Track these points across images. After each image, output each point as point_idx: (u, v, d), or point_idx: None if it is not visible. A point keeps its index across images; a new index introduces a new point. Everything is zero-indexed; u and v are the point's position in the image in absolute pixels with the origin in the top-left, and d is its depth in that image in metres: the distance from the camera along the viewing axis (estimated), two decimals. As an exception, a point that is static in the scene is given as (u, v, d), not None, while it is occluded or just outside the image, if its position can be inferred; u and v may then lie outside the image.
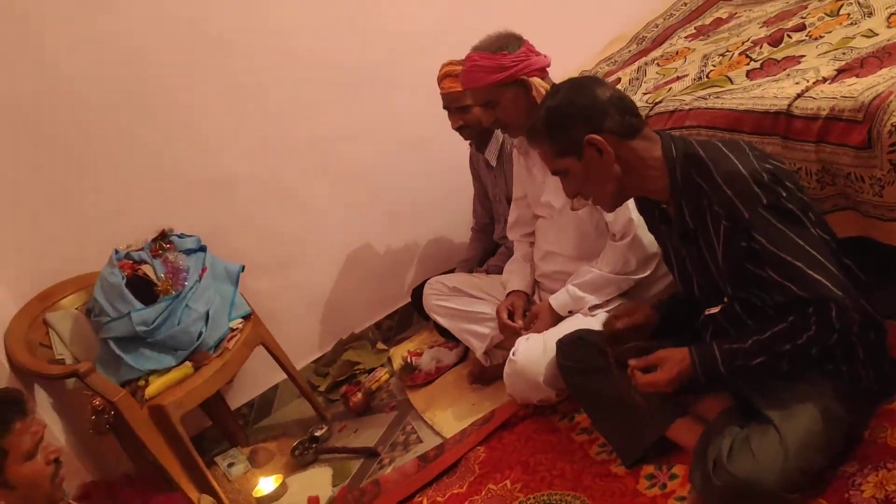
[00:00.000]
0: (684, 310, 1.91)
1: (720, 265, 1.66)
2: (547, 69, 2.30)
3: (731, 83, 2.19)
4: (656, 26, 3.32)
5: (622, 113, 1.67)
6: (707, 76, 2.36)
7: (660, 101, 2.34)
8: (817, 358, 1.58)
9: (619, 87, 2.88)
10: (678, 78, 2.52)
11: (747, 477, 1.47)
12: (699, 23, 3.10)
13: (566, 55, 3.39)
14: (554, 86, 1.95)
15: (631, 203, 2.00)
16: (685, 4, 3.35)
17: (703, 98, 2.16)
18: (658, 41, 3.17)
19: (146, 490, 2.58)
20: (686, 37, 3.02)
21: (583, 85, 1.73)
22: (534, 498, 2.01)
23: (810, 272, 1.51)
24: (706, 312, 1.84)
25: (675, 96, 2.31)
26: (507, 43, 2.23)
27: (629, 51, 3.27)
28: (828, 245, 1.60)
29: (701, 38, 2.92)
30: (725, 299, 1.76)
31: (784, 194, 1.55)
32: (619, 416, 1.93)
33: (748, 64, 2.25)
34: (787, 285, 1.53)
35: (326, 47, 3.18)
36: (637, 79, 2.83)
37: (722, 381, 1.67)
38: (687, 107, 2.18)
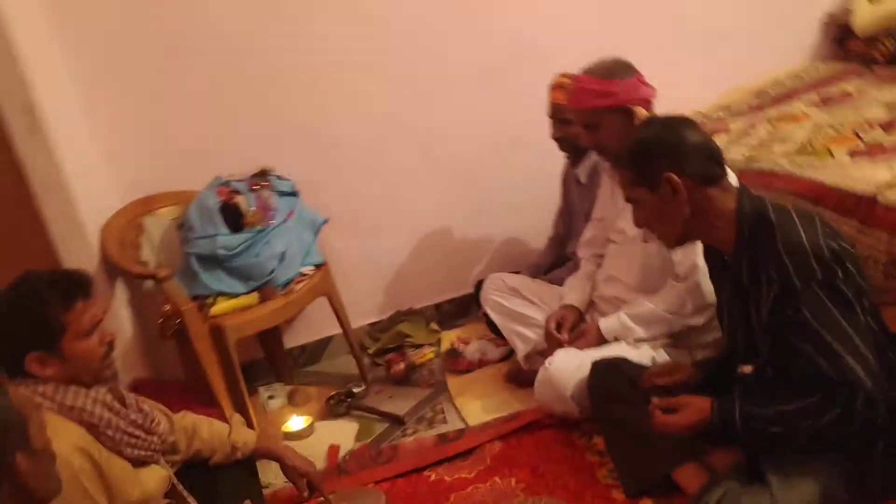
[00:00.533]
0: (723, 369, 1.94)
1: (763, 328, 1.69)
2: (651, 101, 2.34)
3: (831, 158, 2.19)
4: (781, 85, 3.29)
5: (705, 159, 1.71)
6: (811, 146, 2.35)
7: (757, 160, 2.35)
8: (835, 440, 1.60)
9: (727, 136, 2.89)
10: (784, 141, 2.51)
11: (726, 529, 1.51)
12: (826, 92, 3.06)
13: (685, 92, 3.40)
14: (649, 118, 2.00)
15: (699, 249, 2.03)
16: (817, 70, 3.31)
17: (799, 166, 2.17)
18: (779, 100, 3.14)
19: (188, 399, 2.78)
20: (808, 103, 2.99)
21: (675, 124, 1.77)
22: (532, 500, 2.09)
23: (847, 356, 1.53)
24: (740, 370, 1.87)
25: (773, 158, 2.32)
26: (618, 70, 2.29)
27: (748, 103, 3.25)
28: (874, 335, 1.60)
29: (823, 107, 2.89)
30: (760, 361, 1.79)
31: (841, 275, 1.56)
32: (633, 447, 1.98)
33: (855, 143, 2.23)
34: (822, 363, 1.55)
35: (453, 42, 3.30)
36: (746, 132, 2.83)
37: (736, 437, 1.71)
38: (780, 171, 2.19)
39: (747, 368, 1.86)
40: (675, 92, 3.28)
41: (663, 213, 1.74)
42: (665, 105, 3.18)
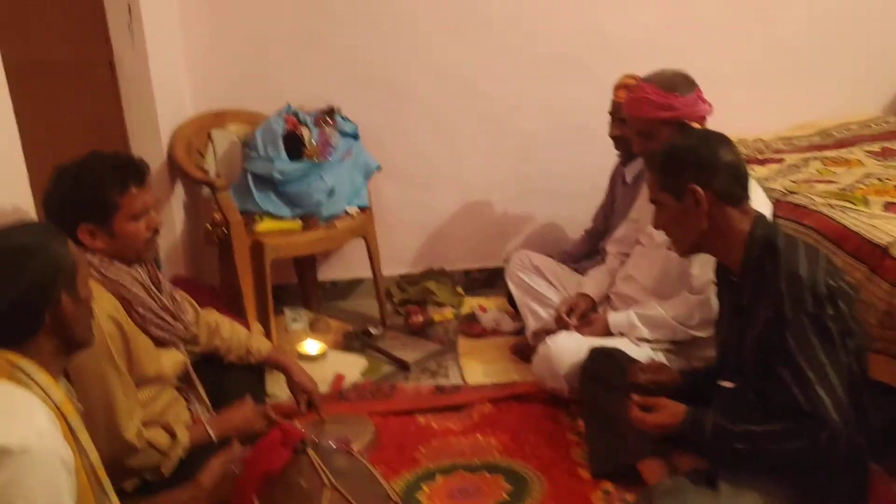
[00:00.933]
0: (709, 380, 2.03)
1: (750, 349, 1.77)
2: (706, 118, 2.40)
3: (866, 206, 2.24)
4: (848, 130, 3.30)
5: (732, 180, 1.78)
6: (851, 191, 2.39)
7: (795, 193, 2.40)
8: (794, 466, 1.68)
9: (779, 167, 2.94)
10: (829, 182, 2.56)
11: (664, 517, 1.63)
12: (888, 145, 3.07)
13: (753, 117, 3.46)
14: (690, 128, 2.05)
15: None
16: (887, 123, 3.30)
17: (831, 207, 2.22)
18: (840, 144, 3.16)
19: (218, 303, 2.98)
20: (867, 151, 3.01)
21: (712, 140, 1.83)
22: (504, 459, 2.23)
23: (819, 389, 1.61)
24: (721, 383, 1.96)
25: (811, 195, 2.37)
26: (680, 84, 2.32)
27: (810, 140, 3.27)
28: (852, 376, 1.67)
29: (880, 158, 2.91)
30: (742, 380, 1.87)
31: (831, 312, 1.63)
32: (607, 433, 2.10)
33: (893, 196, 2.27)
34: (796, 392, 1.63)
35: (543, 24, 3.41)
36: (797, 167, 2.87)
37: (702, 447, 1.81)
38: (812, 208, 2.25)
39: (728, 384, 1.94)
40: (744, 114, 3.37)
41: (682, 220, 1.82)
42: (729, 125, 3.23)
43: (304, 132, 3.15)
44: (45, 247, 1.29)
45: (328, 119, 3.23)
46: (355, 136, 3.27)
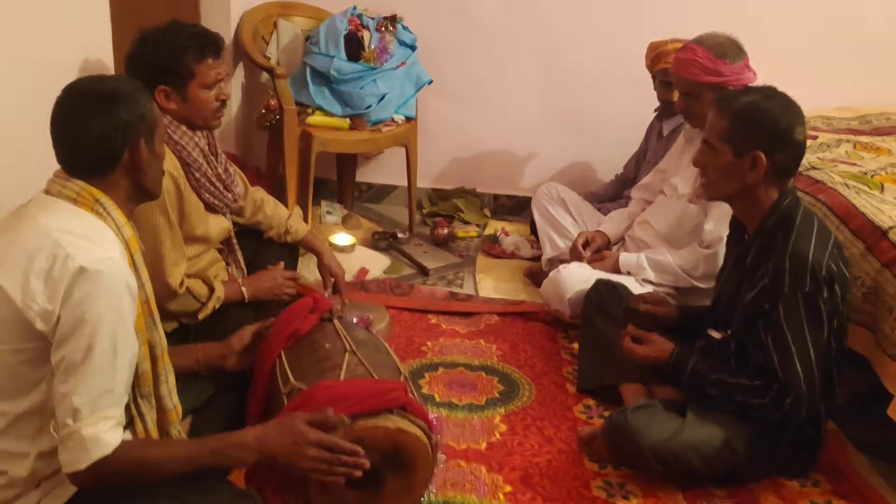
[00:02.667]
0: (700, 323, 2.21)
1: (743, 307, 1.92)
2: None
3: (880, 191, 2.36)
4: (888, 119, 3.36)
5: (794, 158, 1.83)
6: (870, 176, 2.51)
7: (817, 169, 2.53)
8: (756, 417, 1.87)
9: (811, 143, 3.03)
10: (852, 164, 2.67)
11: (634, 426, 1.84)
12: (923, 140, 3.14)
13: (801, 90, 3.49)
14: (773, 90, 1.90)
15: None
16: (929, 118, 3.36)
17: (846, 187, 2.35)
18: (877, 131, 3.23)
19: (261, 184, 3.16)
20: (901, 143, 3.09)
21: (792, 112, 1.82)
22: (501, 364, 2.47)
23: (795, 360, 1.79)
24: (709, 331, 2.14)
25: (830, 173, 2.49)
26: (731, 52, 2.39)
27: (848, 123, 3.34)
28: (831, 353, 1.83)
29: (911, 151, 2.99)
30: (729, 332, 2.05)
31: (825, 294, 1.77)
32: (598, 354, 2.30)
33: (908, 186, 2.39)
34: (773, 357, 1.81)
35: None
36: (828, 146, 2.96)
37: (679, 383, 2.00)
38: (829, 185, 2.37)
39: (716, 334, 2.12)
40: (791, 87, 3.39)
41: (729, 173, 1.84)
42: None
43: (365, 35, 3.29)
44: (136, 97, 1.47)
45: (390, 26, 3.36)
46: (413, 47, 3.39)
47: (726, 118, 1.84)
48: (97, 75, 1.57)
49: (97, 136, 1.41)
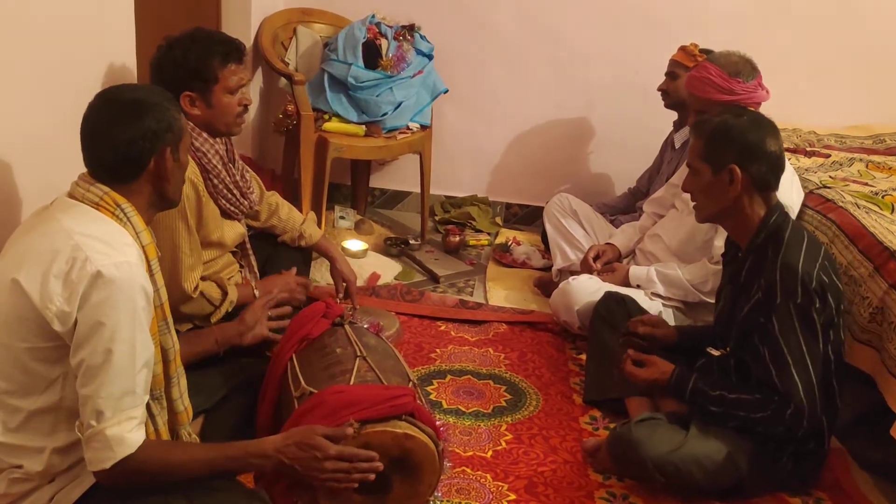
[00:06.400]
0: (700, 342, 2.23)
1: (738, 322, 1.95)
2: (762, 104, 2.51)
3: (891, 212, 2.37)
4: (902, 139, 3.37)
5: (770, 169, 1.88)
6: (881, 196, 2.52)
7: (828, 188, 2.54)
8: (758, 432, 1.89)
9: (823, 161, 3.05)
10: (864, 184, 2.68)
11: (638, 438, 1.86)
12: (937, 160, 3.15)
13: (815, 109, 3.54)
14: (742, 109, 2.09)
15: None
16: (944, 140, 3.37)
17: (857, 206, 2.36)
18: (890, 151, 3.24)
19: (276, 188, 3.21)
20: (914, 164, 3.09)
21: (762, 127, 1.90)
22: (509, 373, 2.50)
23: (792, 371, 1.81)
24: (709, 349, 2.16)
25: (842, 193, 2.50)
26: (744, 70, 2.42)
27: (861, 142, 3.36)
28: (828, 364, 1.85)
29: (924, 172, 3.00)
30: (727, 349, 2.07)
31: (818, 305, 1.79)
32: (604, 367, 2.32)
33: (921, 208, 2.40)
34: (771, 370, 1.83)
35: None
36: (840, 164, 2.98)
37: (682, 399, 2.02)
38: (840, 205, 2.39)
39: (715, 351, 2.15)
40: (805, 104, 3.47)
41: (711, 192, 1.93)
42: (788, 112, 3.32)
43: (383, 43, 3.33)
44: (165, 107, 1.51)
45: (407, 35, 3.40)
46: (430, 57, 3.43)
47: (702, 139, 1.94)
48: (129, 84, 1.61)
49: (125, 143, 1.45)
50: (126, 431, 1.35)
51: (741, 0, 3.51)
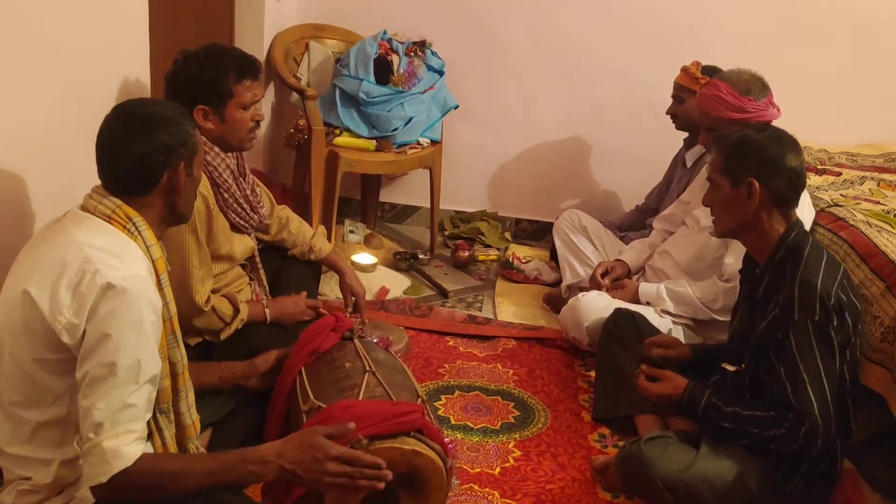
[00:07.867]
0: (714, 359, 2.21)
1: (755, 339, 1.93)
2: (773, 122, 2.50)
3: (902, 231, 2.36)
4: (915, 159, 3.36)
5: (789, 185, 1.87)
6: (893, 215, 2.51)
7: (839, 206, 2.53)
8: (771, 451, 1.87)
9: (834, 179, 3.04)
10: (875, 203, 2.67)
11: (647, 457, 1.84)
12: (950, 179, 3.13)
13: (828, 127, 3.53)
14: (765, 125, 2.07)
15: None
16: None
17: (869, 225, 2.35)
18: (902, 170, 3.24)
19: (286, 202, 3.22)
20: (926, 183, 3.08)
21: (783, 143, 1.89)
22: (517, 389, 2.48)
23: (808, 389, 1.78)
24: (723, 365, 2.15)
25: (853, 211, 2.49)
26: (755, 88, 2.43)
27: (873, 161, 3.35)
28: (843, 384, 1.83)
29: (936, 191, 2.99)
30: (742, 365, 2.06)
31: (836, 323, 1.78)
32: (614, 384, 2.31)
33: (932, 227, 2.39)
34: (786, 387, 1.81)
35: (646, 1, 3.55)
36: (851, 182, 2.97)
37: (695, 416, 2.00)
38: (851, 223, 2.38)
39: (730, 367, 2.13)
40: (816, 123, 3.45)
41: (730, 205, 1.92)
42: (799, 129, 3.30)
43: (395, 59, 3.35)
44: (180, 122, 1.52)
45: (419, 51, 3.42)
46: (441, 72, 3.45)
47: (722, 152, 1.93)
48: (145, 98, 1.63)
49: (139, 156, 1.46)
50: (123, 444, 1.34)
51: (751, 17, 3.52)
